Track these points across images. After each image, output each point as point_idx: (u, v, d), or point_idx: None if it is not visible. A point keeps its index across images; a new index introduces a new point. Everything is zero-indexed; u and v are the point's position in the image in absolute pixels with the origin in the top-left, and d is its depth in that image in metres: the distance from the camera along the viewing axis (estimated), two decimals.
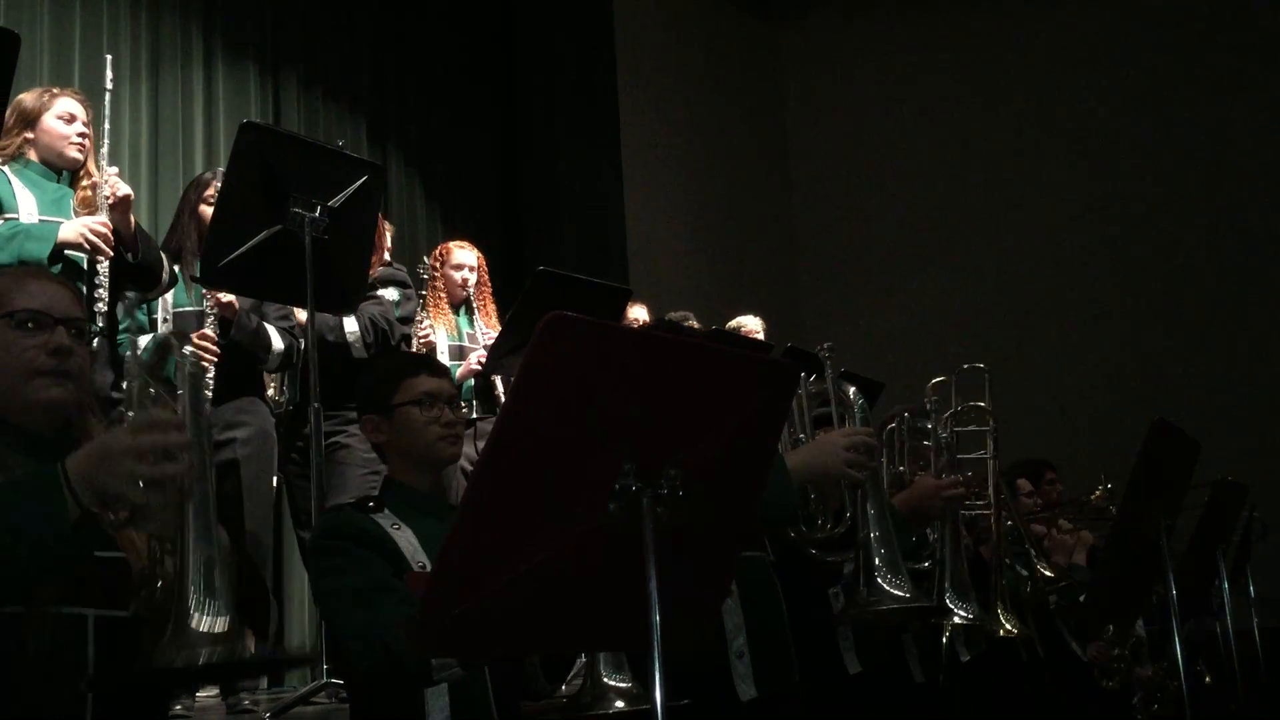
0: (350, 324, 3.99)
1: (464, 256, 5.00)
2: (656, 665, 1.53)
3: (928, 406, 3.36)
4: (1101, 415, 7.96)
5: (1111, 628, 4.11)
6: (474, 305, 4.96)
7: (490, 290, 5.07)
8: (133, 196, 3.44)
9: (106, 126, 3.53)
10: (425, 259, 5.24)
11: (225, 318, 3.73)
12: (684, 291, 7.93)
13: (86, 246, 3.26)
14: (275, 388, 4.29)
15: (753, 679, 2.55)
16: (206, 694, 3.28)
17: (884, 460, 2.99)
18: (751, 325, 5.98)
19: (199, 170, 6.57)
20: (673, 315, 5.87)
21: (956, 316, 8.69)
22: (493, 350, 4.15)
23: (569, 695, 2.24)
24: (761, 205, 9.62)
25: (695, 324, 5.86)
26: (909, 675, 3.17)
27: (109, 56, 3.84)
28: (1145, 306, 8.37)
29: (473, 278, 4.95)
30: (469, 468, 3.59)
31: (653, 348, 1.60)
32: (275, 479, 4.10)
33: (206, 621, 1.58)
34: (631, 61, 8.56)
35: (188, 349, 1.77)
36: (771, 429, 1.77)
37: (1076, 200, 8.65)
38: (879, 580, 2.51)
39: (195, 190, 3.99)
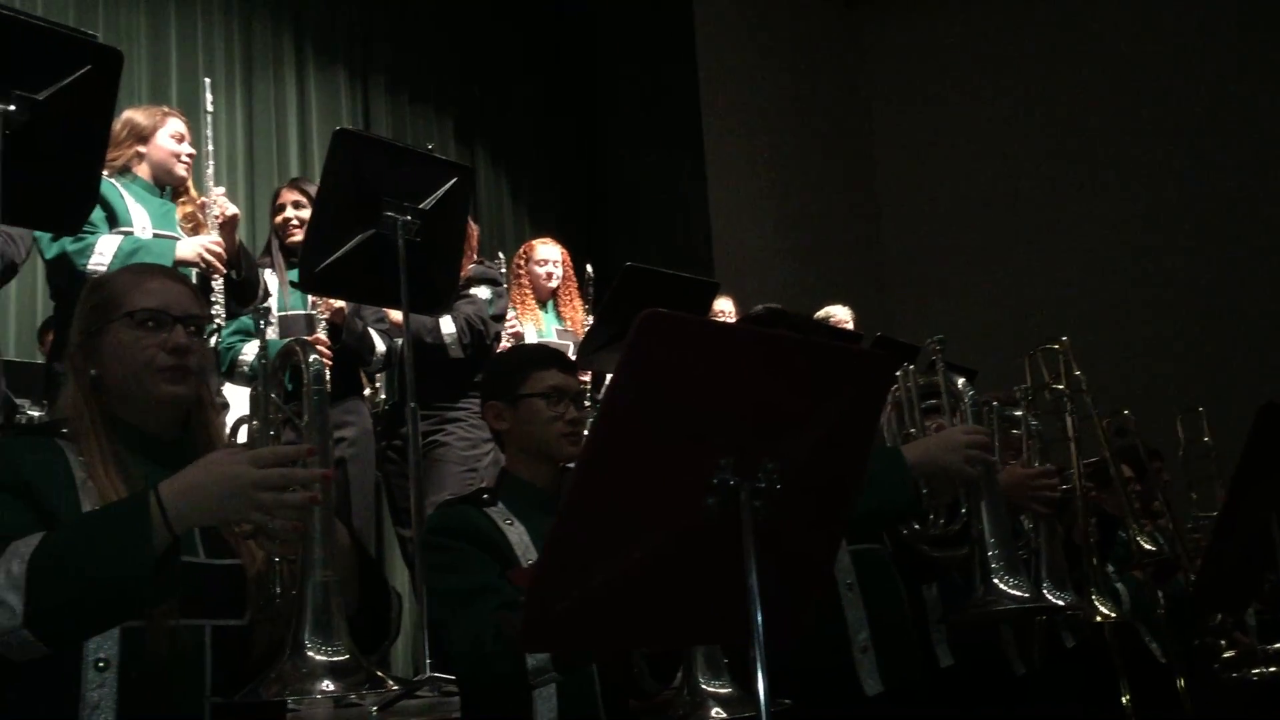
0: (447, 324, 4.05)
1: (547, 252, 5.04)
2: (759, 659, 1.54)
3: (1017, 394, 3.31)
4: (1198, 399, 7.73)
5: (1220, 616, 4.01)
6: (560, 301, 5.01)
7: (576, 285, 5.10)
8: (239, 216, 3.54)
9: (210, 148, 3.64)
10: (501, 255, 5.31)
11: (334, 322, 3.84)
12: (769, 283, 7.90)
13: (202, 265, 3.37)
14: (379, 388, 4.38)
15: (878, 673, 2.52)
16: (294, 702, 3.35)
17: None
18: (840, 315, 5.95)
19: (294, 174, 6.74)
20: (760, 308, 5.86)
21: (1043, 302, 8.52)
22: (583, 346, 4.18)
23: (666, 699, 2.24)
24: (846, 194, 9.54)
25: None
26: (1007, 667, 3.13)
27: (207, 80, 3.97)
28: (1241, 288, 8.11)
29: (558, 272, 4.99)
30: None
31: (748, 342, 1.61)
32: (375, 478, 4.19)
33: (326, 650, 1.62)
34: (712, 54, 8.54)
35: (312, 356, 1.80)
36: (868, 421, 1.76)
37: (1167, 182, 8.41)
38: (996, 580, 2.46)
39: (272, 201, 4.13)
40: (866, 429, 1.77)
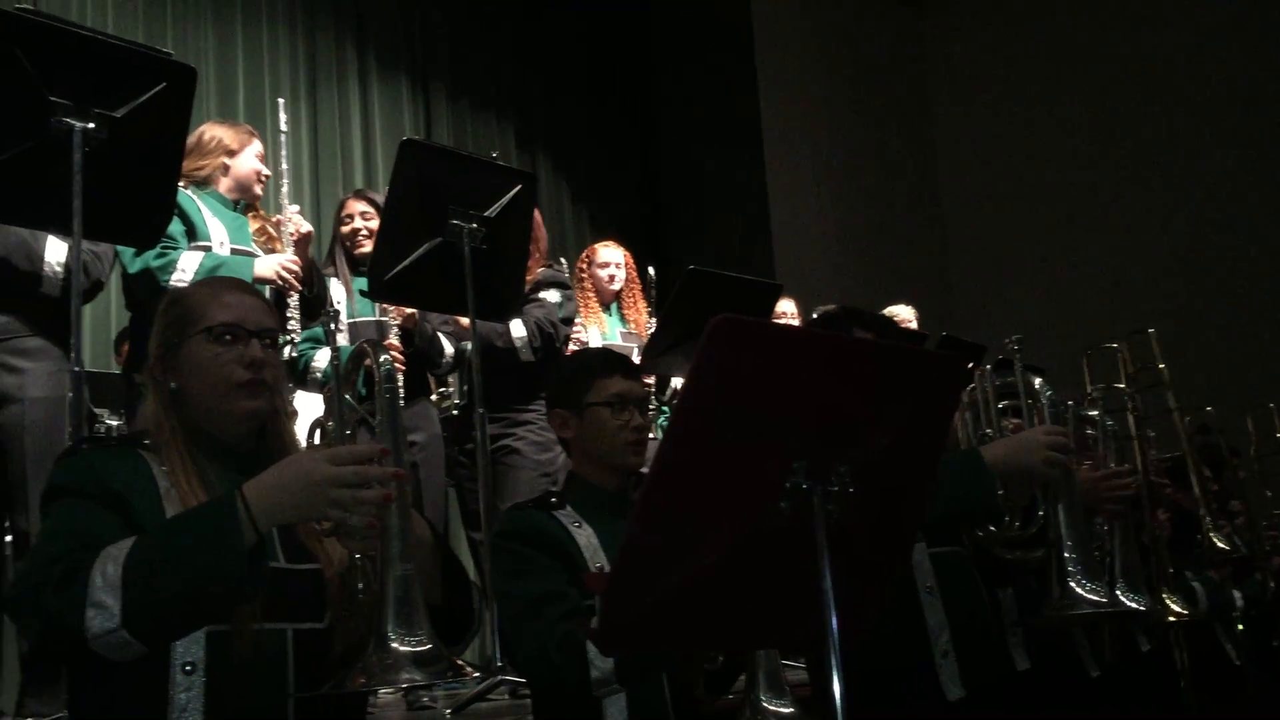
0: (518, 329, 4.09)
1: (609, 255, 5.05)
2: (834, 662, 1.54)
3: (1093, 394, 3.27)
4: (1269, 396, 7.56)
5: None
6: (623, 303, 5.03)
7: (640, 288, 5.12)
8: (313, 233, 3.61)
9: (285, 167, 3.71)
10: (564, 260, 5.33)
11: (405, 327, 3.89)
12: (832, 283, 7.87)
13: (279, 283, 3.44)
14: (449, 392, 4.42)
15: (959, 678, 2.49)
16: (387, 691, 3.41)
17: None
18: (904, 314, 5.91)
19: (359, 184, 6.84)
20: (824, 309, 5.84)
21: (1112, 295, 8.39)
22: (647, 349, 4.19)
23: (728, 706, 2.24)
24: (908, 191, 9.47)
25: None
26: (1081, 669, 3.09)
27: (281, 100, 4.03)
28: None
29: (620, 275, 5.01)
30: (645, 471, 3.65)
31: (819, 346, 1.61)
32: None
33: (409, 641, 1.65)
34: (770, 53, 8.52)
35: (383, 358, 1.83)
36: (941, 423, 1.75)
37: (1236, 177, 8.23)
38: (1073, 584, 2.43)
39: (337, 212, 4.19)
40: (939, 431, 1.76)
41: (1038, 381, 2.77)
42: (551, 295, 4.25)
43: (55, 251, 3.14)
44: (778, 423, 1.55)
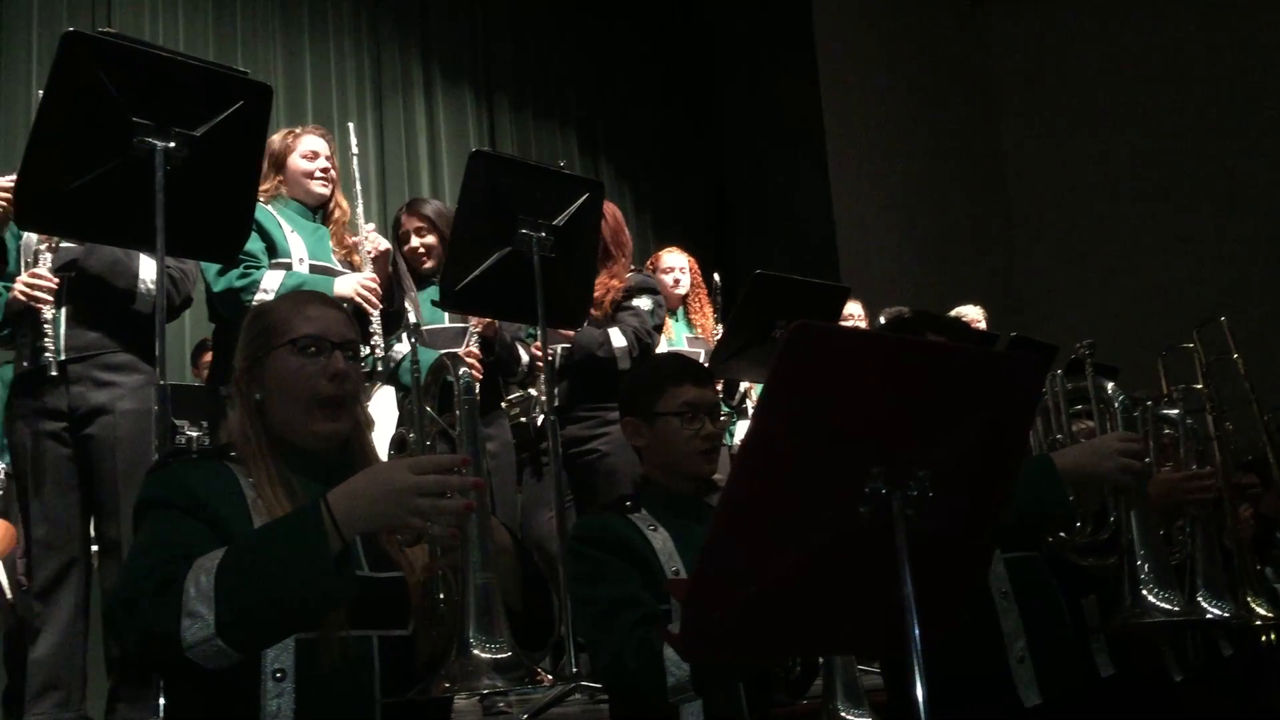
0: (618, 339, 4.11)
1: (674, 260, 5.07)
2: (917, 669, 1.54)
3: (1172, 393, 3.21)
4: None
5: None
6: (689, 309, 5.04)
7: (705, 293, 5.12)
8: (391, 250, 3.65)
9: (358, 189, 3.76)
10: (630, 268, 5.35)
11: (485, 336, 3.94)
12: (898, 284, 7.81)
13: (358, 301, 3.50)
14: (521, 397, 4.43)
15: (1036, 684, 2.45)
16: (464, 697, 3.44)
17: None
18: (972, 314, 5.85)
19: (425, 195, 6.92)
20: (890, 310, 5.80)
21: (1182, 293, 8.23)
22: (715, 354, 4.20)
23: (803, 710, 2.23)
24: (973, 191, 9.38)
25: (906, 314, 5.77)
26: (1165, 675, 3.04)
27: (352, 124, 4.10)
28: None
29: (685, 280, 5.02)
30: (718, 478, 3.64)
31: (898, 351, 1.60)
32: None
33: (490, 648, 1.67)
34: (832, 55, 8.49)
35: (462, 371, 1.86)
36: (1020, 427, 1.74)
37: None
38: (1144, 592, 2.39)
39: (394, 228, 4.25)
40: (1018, 435, 1.75)
41: (1109, 386, 2.73)
42: (644, 302, 4.27)
43: (149, 269, 3.22)
44: (856, 428, 1.55)
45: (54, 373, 3.16)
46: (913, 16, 9.24)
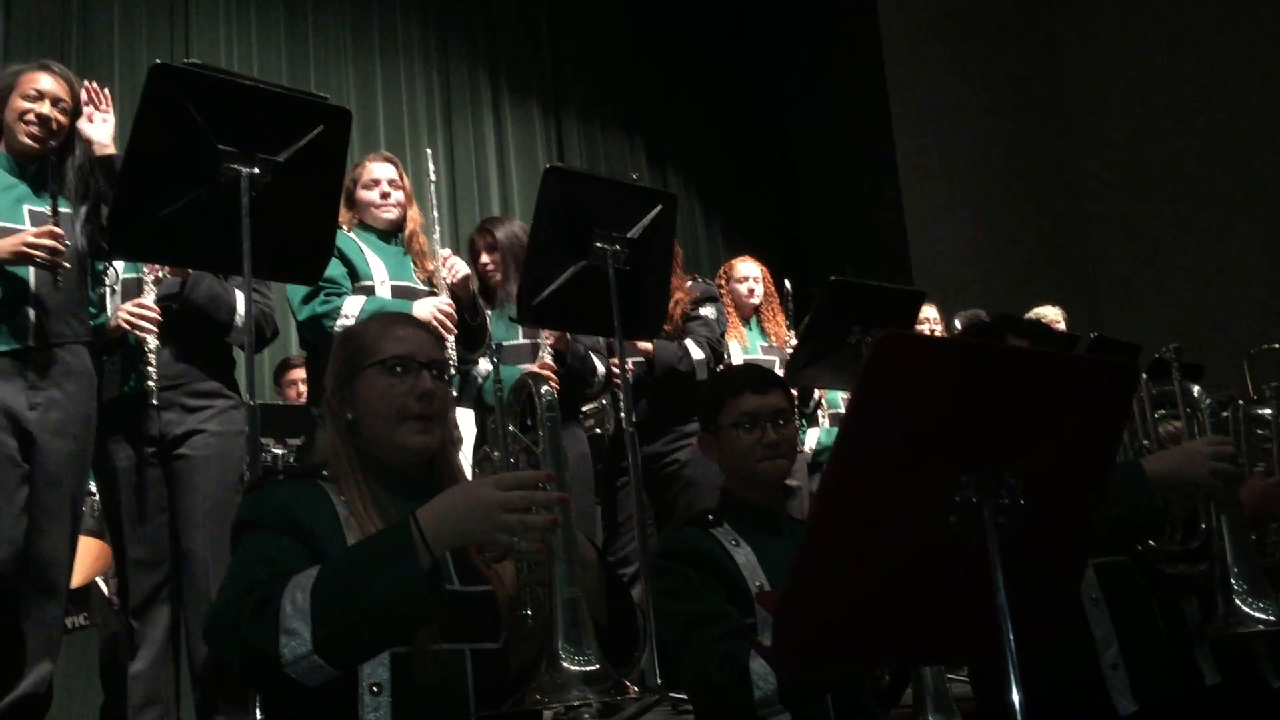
0: (696, 351, 4.15)
1: (747, 269, 5.08)
2: (1013, 677, 1.52)
3: (1264, 391, 3.12)
4: None
5: None
6: (762, 317, 5.04)
7: (778, 301, 5.12)
8: (471, 275, 3.74)
9: (436, 215, 3.81)
10: (699, 277, 5.35)
11: (557, 348, 3.98)
12: (972, 286, 7.73)
13: (434, 325, 3.56)
14: (595, 409, 4.47)
15: (1130, 692, 2.42)
16: (549, 710, 3.47)
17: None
18: (1051, 315, 5.77)
19: (494, 212, 7.00)
20: (965, 314, 5.74)
21: (1262, 290, 8.03)
22: (790, 362, 4.19)
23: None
24: (1048, 190, 9.23)
25: (984, 318, 5.70)
26: (1263, 683, 2.96)
27: (429, 150, 4.17)
28: None
29: (759, 288, 5.03)
30: (791, 483, 3.64)
31: (984, 359, 1.59)
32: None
33: (578, 661, 1.69)
34: (900, 57, 8.43)
35: (544, 388, 1.88)
36: (1112, 431, 1.72)
37: None
38: (1238, 601, 2.34)
39: (469, 248, 4.30)
40: (1110, 440, 1.72)
41: (1196, 389, 2.67)
42: (710, 311, 4.30)
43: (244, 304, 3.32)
44: (945, 436, 1.54)
45: (155, 401, 3.26)
46: (982, 16, 9.13)
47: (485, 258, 4.15)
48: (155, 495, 3.31)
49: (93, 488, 3.57)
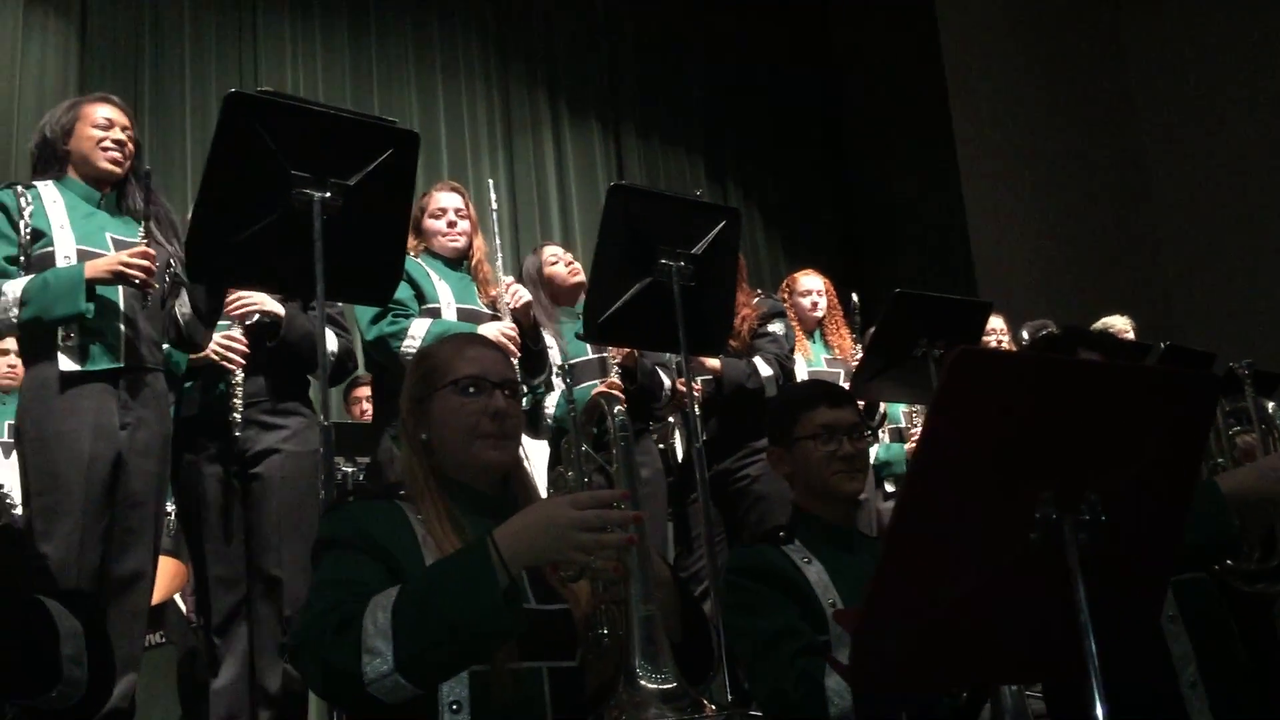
0: (764, 368, 4.15)
1: (810, 283, 5.08)
2: (1097, 697, 1.50)
3: None
4: None
5: None
6: (826, 330, 5.02)
7: (842, 314, 5.10)
8: (532, 302, 3.80)
9: (498, 242, 3.87)
10: (760, 292, 5.34)
11: (626, 365, 4.00)
12: (1038, 295, 7.63)
13: (505, 345, 3.61)
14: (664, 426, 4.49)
15: (1209, 711, 2.37)
16: None
17: None
18: (1120, 325, 5.68)
19: (555, 231, 7.05)
20: (1032, 324, 5.67)
21: None
22: (856, 375, 4.17)
23: None
24: (1114, 194, 9.08)
25: (1052, 329, 5.62)
26: None
27: (491, 180, 4.23)
28: None
29: (822, 301, 5.02)
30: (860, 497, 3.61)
31: (1062, 373, 1.58)
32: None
33: (656, 679, 1.70)
34: (960, 63, 8.35)
35: (616, 409, 1.90)
36: (1193, 445, 1.69)
37: None
38: None
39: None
40: (1193, 455, 1.70)
41: (1270, 405, 2.62)
42: (778, 327, 4.30)
43: (332, 343, 3.46)
44: (1024, 453, 1.53)
45: (238, 433, 3.36)
46: (1041, 16, 9.03)
47: (559, 268, 4.21)
48: (233, 513, 3.39)
49: (169, 507, 3.66)
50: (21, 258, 3.15)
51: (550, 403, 4.01)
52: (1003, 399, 1.50)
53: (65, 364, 3.10)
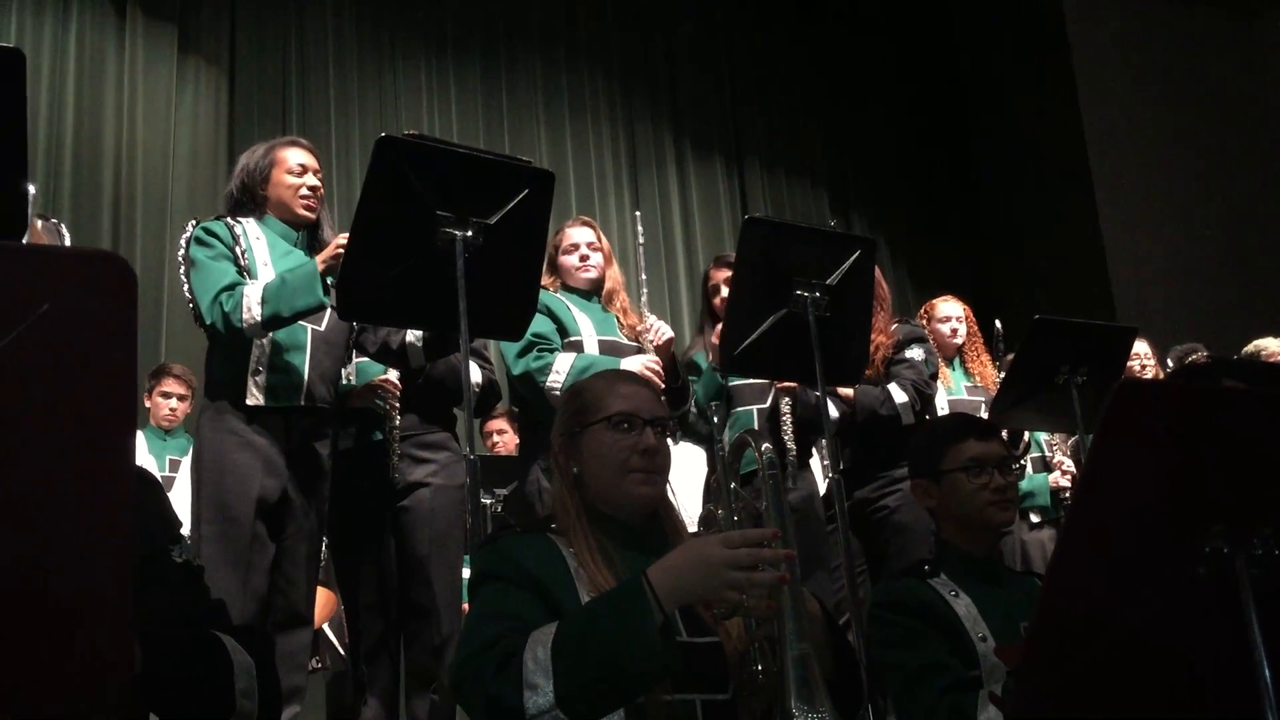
0: (899, 394, 4.10)
1: (949, 309, 5.00)
2: None
3: None
4: None
5: None
6: (966, 357, 4.94)
7: (982, 340, 5.01)
8: (673, 338, 3.85)
9: (643, 277, 3.93)
10: (907, 320, 5.27)
11: (790, 397, 4.01)
12: (1181, 317, 7.38)
13: (655, 381, 3.66)
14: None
15: None
16: None
17: None
18: (1273, 347, 5.44)
19: (681, 267, 7.10)
20: (1179, 348, 5.49)
21: None
22: (996, 403, 4.09)
23: None
24: (1257, 208, 8.73)
25: (1201, 354, 5.42)
26: None
27: (637, 213, 4.29)
28: None
29: (961, 328, 4.94)
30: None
31: (1232, 404, 1.54)
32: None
33: (812, 718, 1.69)
34: (1092, 81, 8.16)
35: (764, 446, 1.90)
36: None
37: None
38: None
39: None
40: None
41: None
42: (916, 352, 4.24)
43: (475, 374, 3.58)
44: (1191, 485, 1.49)
45: (395, 473, 3.48)
46: (1174, 35, 8.77)
47: (726, 290, 4.22)
48: (384, 544, 3.50)
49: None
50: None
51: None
52: (1167, 431, 1.47)
53: (252, 398, 3.25)
